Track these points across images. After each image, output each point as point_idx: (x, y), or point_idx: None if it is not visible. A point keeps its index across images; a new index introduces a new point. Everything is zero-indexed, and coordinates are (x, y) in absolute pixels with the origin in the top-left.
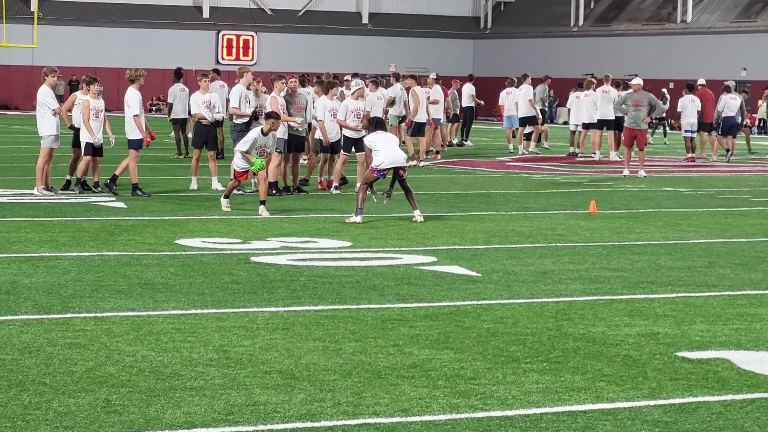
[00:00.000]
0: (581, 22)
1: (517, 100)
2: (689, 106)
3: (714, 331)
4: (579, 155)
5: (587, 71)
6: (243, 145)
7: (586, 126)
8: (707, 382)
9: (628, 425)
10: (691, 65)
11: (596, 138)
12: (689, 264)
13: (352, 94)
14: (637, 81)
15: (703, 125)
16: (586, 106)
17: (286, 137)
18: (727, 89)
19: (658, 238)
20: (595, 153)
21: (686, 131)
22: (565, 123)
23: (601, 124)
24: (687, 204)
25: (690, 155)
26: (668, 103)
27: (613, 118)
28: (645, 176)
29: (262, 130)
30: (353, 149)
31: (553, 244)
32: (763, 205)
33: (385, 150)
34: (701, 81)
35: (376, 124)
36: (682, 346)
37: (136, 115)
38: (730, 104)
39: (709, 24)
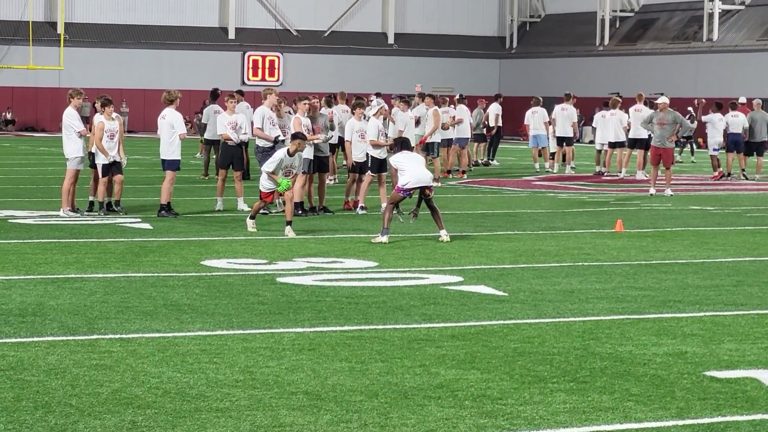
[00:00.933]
0: (606, 41)
1: (554, 118)
2: (717, 124)
3: (742, 350)
4: (605, 174)
5: (613, 90)
6: (269, 165)
7: (612, 145)
8: (736, 402)
9: None
10: (718, 84)
11: (623, 157)
12: (717, 283)
13: (375, 114)
14: (663, 100)
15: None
16: (612, 125)
17: (311, 157)
18: (733, 106)
19: (685, 257)
20: (621, 172)
21: (714, 149)
22: (591, 142)
23: (633, 143)
24: (714, 222)
25: (718, 172)
26: (695, 121)
27: (646, 137)
28: (672, 195)
29: (288, 150)
30: (378, 170)
31: (580, 264)
32: None
33: (411, 169)
34: (742, 99)
35: (402, 144)
36: (710, 366)
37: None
38: (732, 122)
39: (735, 42)
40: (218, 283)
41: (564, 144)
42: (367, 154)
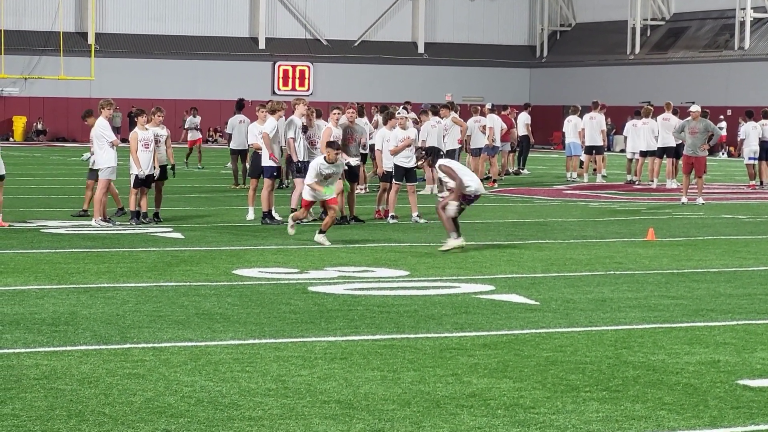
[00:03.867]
0: (637, 50)
1: (584, 127)
2: (752, 133)
3: None
4: (637, 183)
5: (644, 99)
6: (309, 177)
7: (644, 154)
8: None
9: None
10: (749, 92)
11: (654, 166)
12: (749, 291)
13: (399, 122)
14: (695, 108)
15: None
16: (644, 133)
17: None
18: (765, 115)
19: (717, 266)
20: (653, 181)
21: (750, 158)
22: (622, 151)
23: (662, 152)
24: (746, 231)
25: (753, 183)
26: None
27: (674, 145)
28: (703, 203)
29: (325, 158)
30: (404, 179)
31: (612, 272)
32: None
33: (471, 177)
34: None
35: (434, 153)
36: (743, 374)
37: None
38: (764, 130)
39: (767, 51)
40: (250, 292)
41: (593, 153)
42: (394, 164)
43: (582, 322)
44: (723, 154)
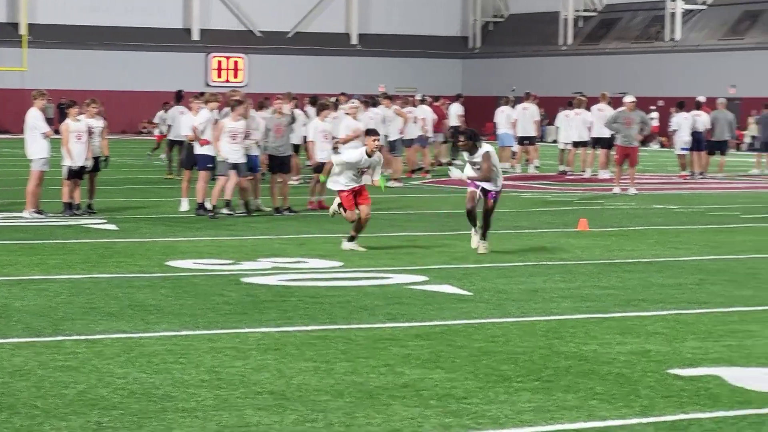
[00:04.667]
0: (570, 41)
1: (516, 118)
2: (683, 124)
3: (705, 348)
4: (569, 173)
5: (576, 90)
6: (339, 165)
7: (576, 144)
8: (699, 399)
9: None
10: (681, 83)
11: (587, 156)
12: (680, 281)
13: (348, 111)
14: (630, 99)
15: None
16: (576, 124)
17: (244, 160)
18: (697, 105)
19: (649, 256)
20: (585, 171)
21: (682, 149)
22: (555, 141)
23: (595, 143)
24: (677, 221)
25: (684, 173)
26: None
27: (607, 136)
28: (636, 194)
29: (366, 151)
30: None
31: (544, 263)
32: (753, 221)
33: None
34: (701, 98)
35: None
36: (674, 364)
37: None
38: (695, 121)
39: (697, 42)
40: (184, 283)
41: (525, 143)
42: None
43: (514, 313)
44: (655, 144)
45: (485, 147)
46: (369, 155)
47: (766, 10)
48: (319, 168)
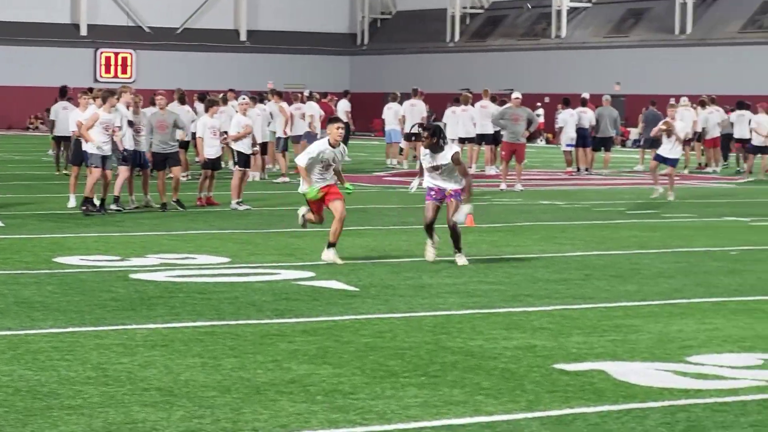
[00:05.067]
0: (457, 37)
1: (404, 114)
2: (569, 121)
3: (590, 342)
4: None
5: (463, 86)
6: (303, 160)
7: (463, 140)
8: (584, 394)
9: None
10: (567, 80)
11: (473, 152)
12: (566, 277)
13: (239, 107)
14: (517, 95)
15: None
16: (463, 120)
17: (109, 153)
18: (582, 102)
19: (535, 251)
20: (471, 167)
21: (567, 145)
22: None
23: (481, 139)
24: (563, 217)
25: (570, 169)
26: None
27: (492, 132)
28: (522, 190)
29: (329, 140)
30: (245, 165)
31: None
32: (637, 217)
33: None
34: (585, 95)
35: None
36: (559, 359)
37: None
38: (580, 117)
39: (583, 39)
40: (71, 279)
41: (413, 139)
42: (232, 150)
43: (401, 308)
44: (541, 141)
45: (453, 147)
46: (333, 145)
47: (649, 8)
48: (208, 164)
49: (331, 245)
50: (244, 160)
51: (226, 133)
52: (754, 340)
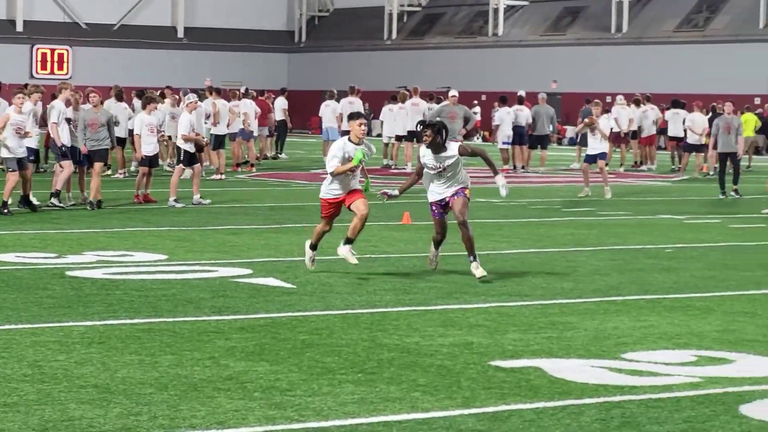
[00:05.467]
0: (394, 35)
1: (341, 112)
2: (506, 118)
3: (526, 340)
4: (393, 167)
5: (401, 84)
6: (331, 164)
7: (399, 138)
8: (520, 391)
9: None
10: (503, 78)
11: (409, 150)
12: (502, 274)
13: (187, 106)
14: (453, 93)
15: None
16: (400, 118)
17: (23, 155)
18: (519, 100)
19: None
20: (407, 165)
21: (504, 143)
22: (379, 135)
23: (412, 136)
24: (499, 215)
25: (506, 167)
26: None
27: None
28: None
29: (349, 138)
30: (189, 163)
31: (368, 255)
32: (574, 215)
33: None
34: (522, 93)
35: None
36: (495, 356)
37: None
38: (517, 115)
39: (519, 37)
40: (6, 277)
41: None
42: (179, 148)
43: (338, 305)
44: (478, 138)
45: (453, 146)
46: (355, 143)
47: (586, 7)
48: (145, 161)
49: (348, 241)
50: (189, 159)
51: (164, 131)
52: (688, 337)
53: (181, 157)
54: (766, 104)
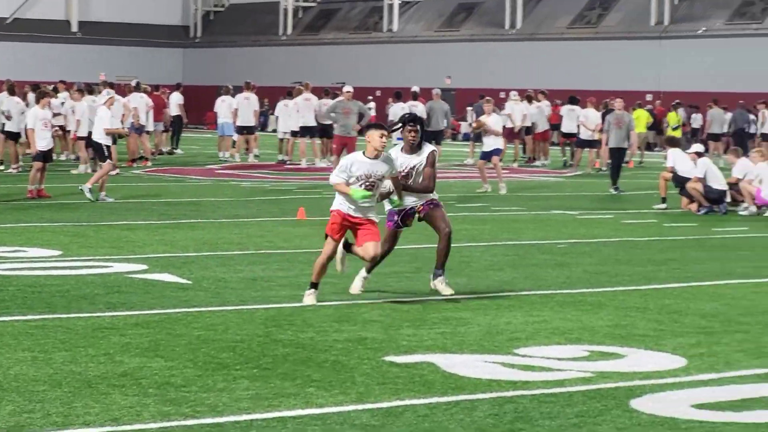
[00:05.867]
0: (290, 31)
1: (237, 107)
2: (400, 114)
3: (420, 335)
4: (288, 163)
5: (296, 80)
6: (337, 176)
7: (295, 134)
8: (414, 386)
9: (337, 429)
10: (398, 74)
11: (302, 146)
12: (397, 269)
13: (105, 103)
14: (348, 89)
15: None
16: (295, 114)
17: None
18: (414, 96)
19: None
20: (302, 161)
21: (398, 139)
22: (275, 131)
23: (304, 132)
24: None
25: None
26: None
27: (315, 125)
28: None
29: (364, 151)
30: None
31: (263, 251)
32: (468, 210)
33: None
34: (415, 89)
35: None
36: (389, 351)
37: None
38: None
39: (414, 33)
40: None
41: (245, 132)
42: (100, 144)
43: (233, 301)
44: None
45: (428, 146)
46: (370, 157)
47: (480, 3)
48: (39, 156)
49: (369, 269)
50: (106, 153)
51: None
52: (581, 332)
53: (105, 153)
54: (658, 101)
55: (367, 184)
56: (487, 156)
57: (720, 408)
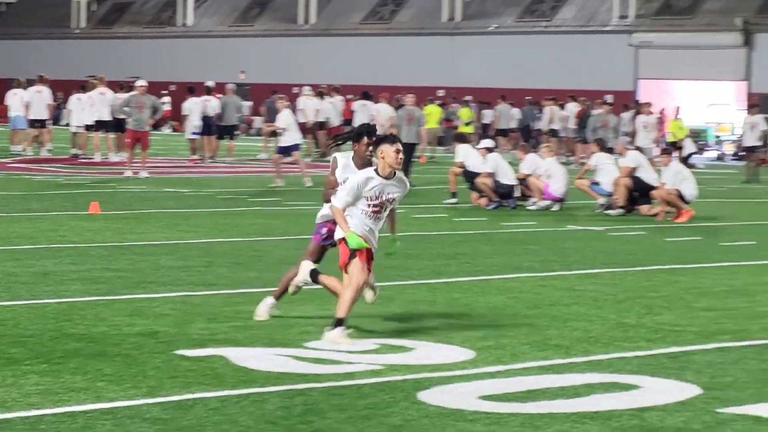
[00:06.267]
0: (83, 24)
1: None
2: (195, 108)
3: (212, 329)
4: (81, 157)
5: (90, 73)
6: (342, 197)
7: (89, 127)
8: (205, 379)
9: (127, 423)
10: (193, 68)
11: (96, 140)
12: (189, 264)
13: None
14: (142, 83)
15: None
16: (89, 107)
17: None
18: (207, 90)
19: (159, 239)
20: (96, 155)
21: (192, 133)
22: (68, 125)
23: (99, 126)
24: (187, 205)
25: (195, 157)
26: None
27: (111, 119)
28: (147, 177)
29: (376, 169)
30: None
31: (55, 246)
32: (259, 204)
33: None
34: (210, 83)
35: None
36: (181, 345)
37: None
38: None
39: (209, 28)
40: None
41: (38, 126)
42: None
43: (24, 296)
44: (167, 128)
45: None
46: (382, 176)
47: None
48: None
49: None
50: None
51: None
52: (371, 325)
53: None
54: (449, 97)
55: (375, 206)
56: (285, 150)
57: (506, 399)
